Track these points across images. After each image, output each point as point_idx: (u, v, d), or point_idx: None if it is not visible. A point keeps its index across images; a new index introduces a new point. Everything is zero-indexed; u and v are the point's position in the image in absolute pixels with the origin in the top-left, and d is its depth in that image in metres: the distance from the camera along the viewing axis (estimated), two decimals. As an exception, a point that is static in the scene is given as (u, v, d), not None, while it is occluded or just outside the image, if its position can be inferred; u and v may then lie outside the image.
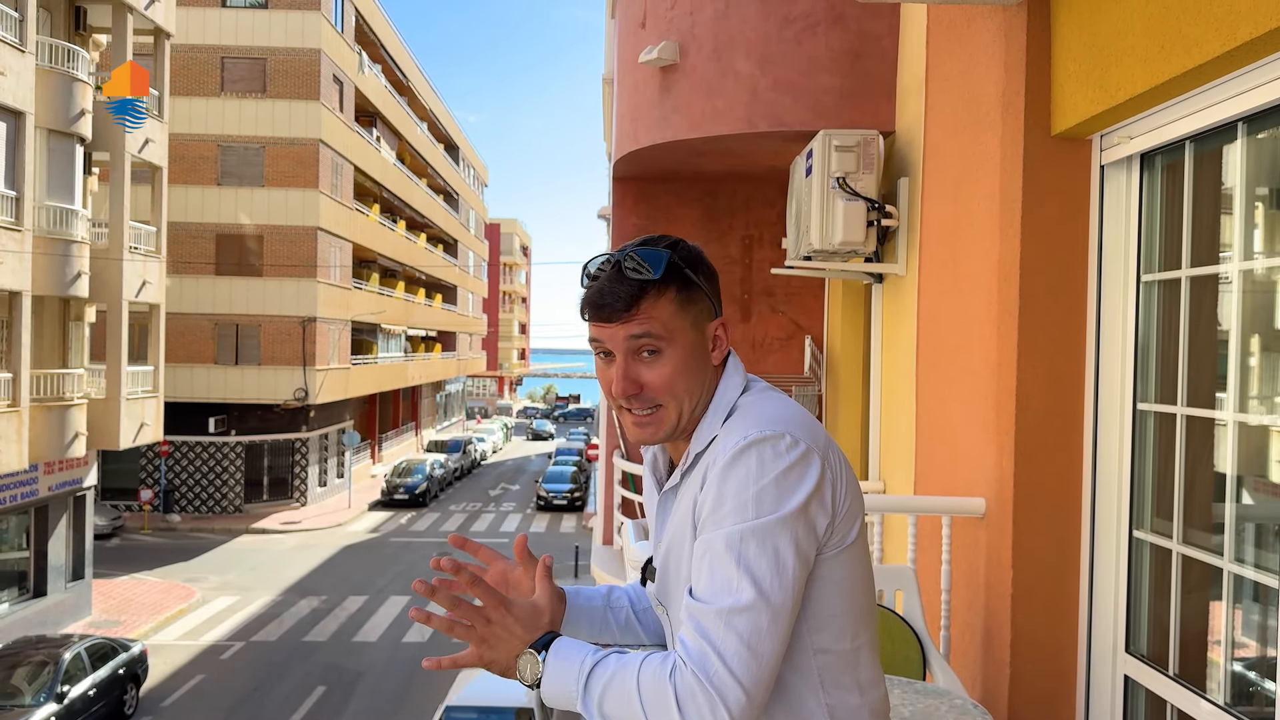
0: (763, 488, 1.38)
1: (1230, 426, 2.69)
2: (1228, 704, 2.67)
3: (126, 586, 23.42)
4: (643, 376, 1.52)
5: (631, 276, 1.51)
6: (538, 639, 1.48)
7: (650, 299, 1.51)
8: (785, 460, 1.40)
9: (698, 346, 1.55)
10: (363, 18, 36.31)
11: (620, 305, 1.50)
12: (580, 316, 1.57)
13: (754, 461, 1.40)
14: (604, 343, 1.54)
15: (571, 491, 36.11)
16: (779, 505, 1.38)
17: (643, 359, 1.52)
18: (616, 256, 1.54)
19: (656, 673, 1.36)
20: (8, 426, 16.93)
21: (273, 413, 32.15)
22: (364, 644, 20.15)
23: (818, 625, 1.47)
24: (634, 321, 1.50)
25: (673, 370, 1.52)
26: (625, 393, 1.52)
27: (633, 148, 6.83)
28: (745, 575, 1.36)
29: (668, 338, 1.51)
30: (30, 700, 13.83)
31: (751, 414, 1.48)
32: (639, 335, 1.51)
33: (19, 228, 17.09)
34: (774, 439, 1.41)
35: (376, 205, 39.21)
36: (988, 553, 3.55)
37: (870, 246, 5.13)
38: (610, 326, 1.52)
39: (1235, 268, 2.68)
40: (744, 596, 1.35)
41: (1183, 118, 2.81)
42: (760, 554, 1.36)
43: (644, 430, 1.56)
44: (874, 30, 5.64)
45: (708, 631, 1.35)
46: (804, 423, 1.47)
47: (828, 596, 1.47)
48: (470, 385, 76.24)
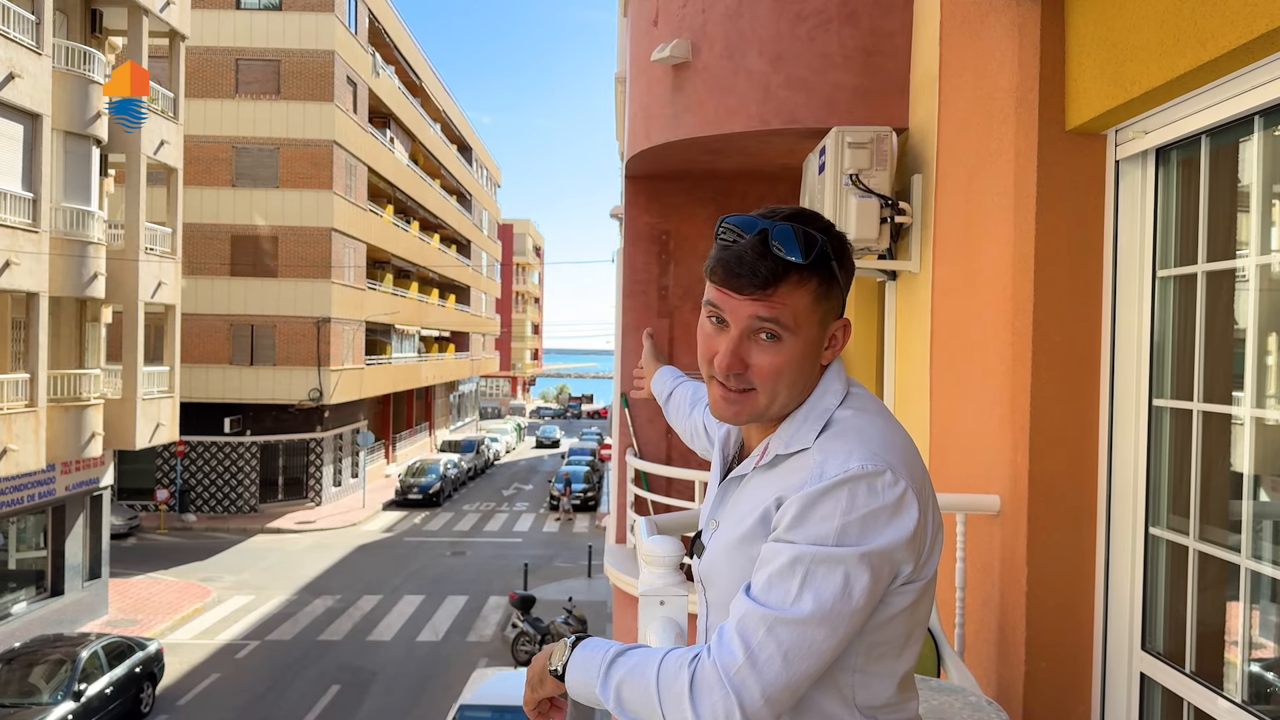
0: (850, 521, 1.32)
1: (1247, 423, 2.67)
2: (1245, 701, 2.65)
3: (143, 586, 23.56)
4: (752, 358, 1.43)
5: (777, 254, 1.38)
6: (574, 636, 1.51)
7: (790, 284, 1.39)
8: (881, 500, 1.33)
9: (816, 344, 1.45)
10: (376, 19, 36.43)
11: (758, 282, 1.39)
12: (704, 274, 1.47)
13: (847, 495, 1.33)
14: (722, 310, 1.43)
15: (585, 491, 36.14)
16: (861, 541, 1.32)
17: (759, 341, 1.42)
18: (765, 225, 1.40)
19: (678, 661, 1.35)
20: (25, 427, 17.06)
21: (287, 413, 32.30)
22: (378, 643, 20.21)
23: (868, 650, 1.42)
24: (766, 303, 1.39)
25: (785, 362, 1.42)
26: (728, 369, 1.43)
27: (645, 146, 6.83)
28: (808, 591, 1.31)
29: (793, 329, 1.41)
30: (48, 698, 13.94)
31: (854, 437, 1.39)
32: (766, 319, 1.40)
33: (36, 229, 17.22)
34: (875, 476, 1.34)
35: (390, 206, 39.34)
36: (1002, 550, 3.53)
37: (883, 243, 5.12)
38: (738, 299, 1.41)
39: (1252, 263, 2.66)
40: (798, 610, 1.30)
41: (1198, 112, 2.79)
42: (828, 579, 1.31)
43: (729, 408, 1.46)
44: (887, 26, 5.62)
45: (748, 630, 1.32)
46: (906, 454, 1.40)
47: (888, 626, 1.41)
48: (483, 385, 76.38)
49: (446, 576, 25.78)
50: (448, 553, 28.80)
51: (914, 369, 5.09)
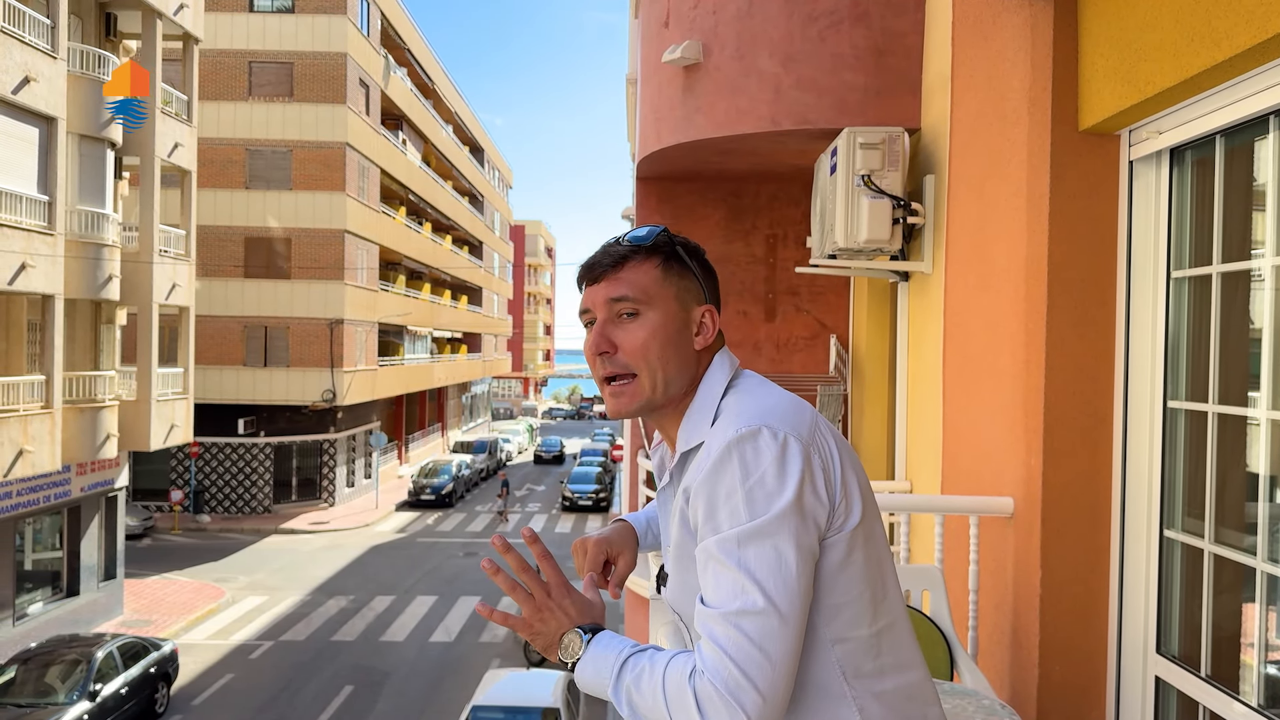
0: (750, 488, 1.36)
1: (1263, 424, 2.65)
2: (1261, 705, 2.63)
3: (157, 586, 23.68)
4: (616, 337, 1.55)
5: (622, 244, 1.59)
6: (586, 625, 1.51)
7: (635, 262, 1.56)
8: (768, 455, 1.38)
9: (679, 321, 1.56)
10: (388, 21, 36.53)
11: (607, 263, 1.57)
12: (578, 288, 1.63)
13: (736, 463, 1.38)
14: (588, 307, 1.59)
15: (596, 492, 36.15)
16: (770, 503, 1.36)
17: (620, 321, 1.55)
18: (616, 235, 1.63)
19: (680, 673, 1.37)
20: (41, 428, 17.17)
21: (301, 414, 32.41)
22: (391, 644, 20.26)
23: (830, 614, 1.43)
24: (616, 282, 1.55)
25: (647, 335, 1.53)
26: (598, 349, 1.55)
27: (656, 147, 6.83)
28: (749, 578, 1.34)
29: (646, 302, 1.54)
30: (63, 698, 14.02)
31: (731, 413, 1.46)
32: (618, 298, 1.55)
33: (51, 232, 17.33)
34: (751, 436, 1.39)
35: (403, 208, 39.44)
36: (1016, 552, 3.52)
37: (896, 244, 5.11)
38: (594, 288, 1.58)
39: (1268, 263, 2.64)
40: (750, 599, 1.33)
41: (1212, 112, 2.77)
42: (760, 555, 1.34)
43: (618, 400, 1.56)
44: (898, 27, 5.60)
45: (718, 637, 1.34)
46: (785, 411, 1.44)
47: (836, 583, 1.43)
48: (495, 386, 76.51)
49: (459, 577, 25.82)
50: (460, 553, 28.85)
51: (927, 370, 5.07)
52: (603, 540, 1.81)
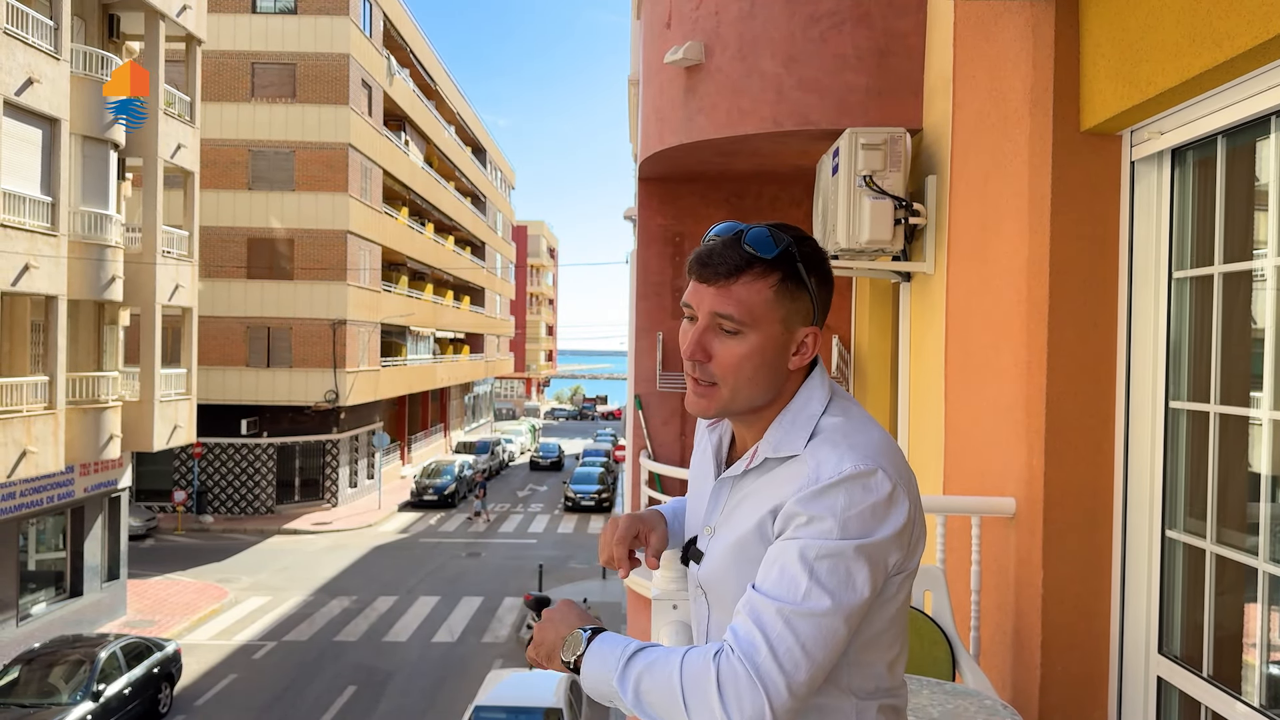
0: (850, 517, 1.41)
1: (1265, 425, 2.65)
2: (1263, 705, 2.63)
3: (160, 587, 23.71)
4: (713, 348, 1.52)
5: (745, 248, 1.50)
6: (587, 626, 1.53)
7: (752, 275, 1.50)
8: (875, 496, 1.42)
9: (780, 344, 1.53)
10: (391, 23, 36.56)
11: (723, 270, 1.50)
12: (686, 272, 1.57)
13: (845, 494, 1.41)
14: (692, 303, 1.54)
15: (599, 493, 36.15)
16: (862, 535, 1.41)
17: (721, 332, 1.52)
18: (742, 227, 1.54)
19: (701, 656, 1.38)
20: (44, 429, 17.19)
21: (304, 414, 32.45)
22: (394, 644, 20.28)
23: (865, 640, 1.49)
24: (726, 295, 1.50)
25: (742, 355, 1.51)
26: (692, 355, 1.54)
27: (658, 148, 6.84)
28: (817, 584, 1.38)
29: (751, 323, 1.50)
30: (67, 698, 14.05)
31: (844, 442, 1.47)
32: (723, 314, 1.50)
33: (54, 233, 17.36)
34: (867, 475, 1.42)
35: (405, 208, 39.48)
36: (1018, 553, 3.52)
37: (898, 245, 5.10)
38: (705, 288, 1.52)
39: (1270, 264, 2.64)
40: (812, 603, 1.37)
41: (1214, 112, 2.77)
42: (834, 571, 1.39)
43: (698, 401, 1.57)
44: (900, 28, 5.60)
45: (765, 624, 1.37)
46: (892, 454, 1.48)
47: (876, 615, 1.49)
48: (498, 387, 76.52)
49: (462, 577, 25.84)
50: (463, 554, 28.87)
51: (928, 371, 5.07)
52: (635, 517, 1.82)
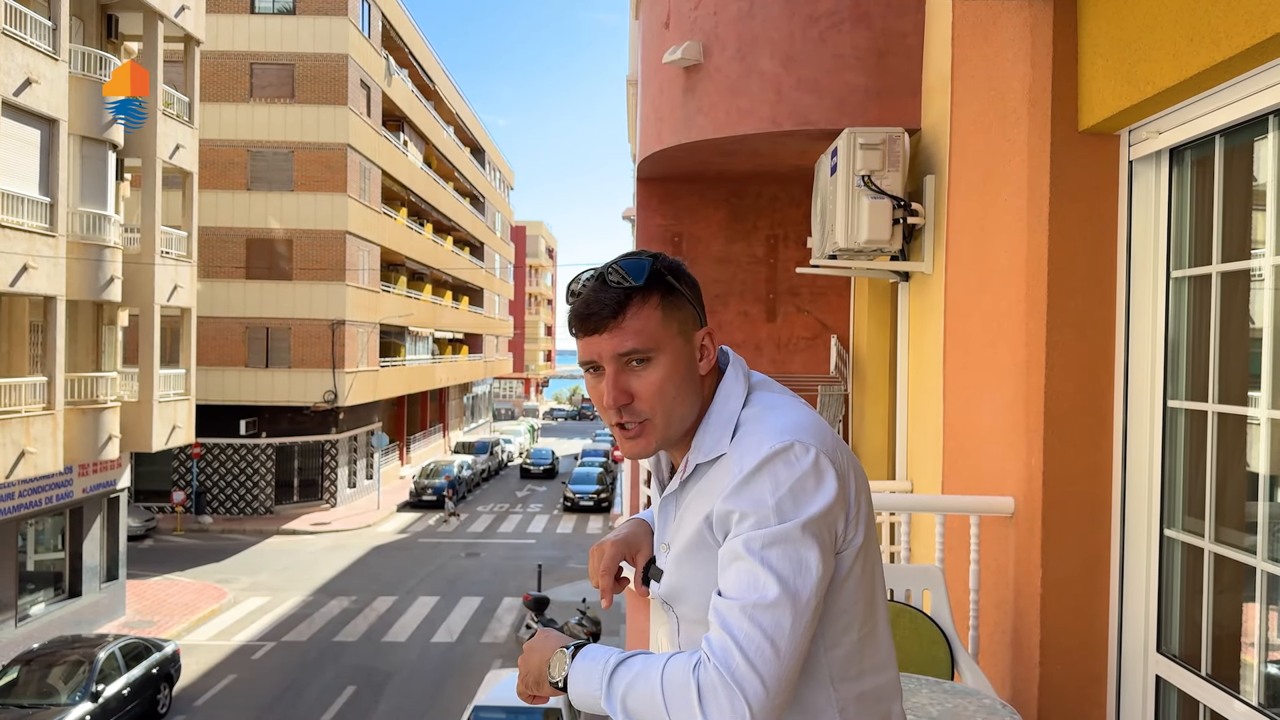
0: (781, 498, 1.41)
1: (1263, 424, 2.66)
2: (1262, 704, 2.64)
3: (159, 587, 23.69)
4: (632, 386, 1.53)
5: (615, 285, 1.52)
6: (570, 644, 1.54)
7: (635, 305, 1.52)
8: (799, 469, 1.42)
9: (686, 355, 1.55)
10: (390, 23, 36.56)
11: (606, 313, 1.51)
12: (569, 333, 1.59)
13: (768, 477, 1.42)
14: (592, 357, 1.55)
15: (598, 493, 36.14)
16: (799, 511, 1.41)
17: (632, 369, 1.53)
18: (599, 269, 1.56)
19: (681, 668, 1.38)
20: (43, 429, 17.18)
21: (303, 415, 32.43)
22: (393, 644, 20.27)
23: (826, 623, 1.49)
24: (621, 333, 1.51)
25: (662, 379, 1.52)
26: (617, 402, 1.53)
27: (657, 148, 6.84)
28: (769, 573, 1.38)
29: (655, 347, 1.52)
30: (66, 699, 14.03)
31: (759, 429, 1.49)
32: (626, 352, 1.52)
33: (53, 233, 17.34)
34: (784, 450, 1.43)
35: (404, 209, 39.47)
36: (1017, 552, 3.52)
37: (896, 245, 5.11)
38: (598, 339, 1.53)
39: (1268, 263, 2.65)
40: (768, 593, 1.37)
41: (1212, 112, 2.78)
42: (784, 557, 1.39)
43: (635, 444, 1.56)
44: (899, 28, 5.61)
45: (732, 627, 1.37)
46: (812, 427, 1.48)
47: (838, 594, 1.49)
48: (497, 387, 76.51)
49: (461, 578, 25.83)
50: (462, 554, 28.86)
51: (927, 370, 5.08)
52: (619, 542, 1.81)
